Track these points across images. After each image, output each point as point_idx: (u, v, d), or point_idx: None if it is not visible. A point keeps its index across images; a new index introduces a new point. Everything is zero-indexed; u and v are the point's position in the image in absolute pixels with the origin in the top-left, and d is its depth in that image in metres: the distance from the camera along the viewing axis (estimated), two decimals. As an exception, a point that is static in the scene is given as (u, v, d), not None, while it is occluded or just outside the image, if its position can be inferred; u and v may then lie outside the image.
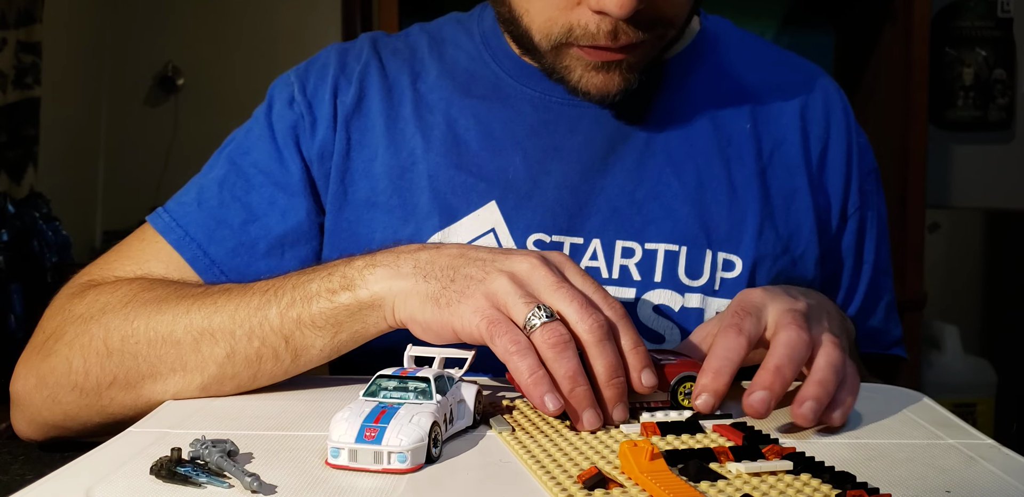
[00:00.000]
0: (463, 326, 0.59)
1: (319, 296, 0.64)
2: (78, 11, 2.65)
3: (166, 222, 0.80)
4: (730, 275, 0.80)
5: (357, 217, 0.81)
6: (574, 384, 0.57)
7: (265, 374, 0.67)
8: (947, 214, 2.41)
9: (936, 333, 2.20)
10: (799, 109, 0.86)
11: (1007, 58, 2.43)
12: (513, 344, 0.57)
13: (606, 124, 0.82)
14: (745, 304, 0.64)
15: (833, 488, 0.47)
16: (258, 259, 0.79)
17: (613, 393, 0.58)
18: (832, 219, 0.86)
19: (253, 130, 0.84)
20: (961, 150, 2.46)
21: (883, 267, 0.91)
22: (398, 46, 0.87)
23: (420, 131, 0.82)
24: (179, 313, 0.68)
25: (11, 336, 1.99)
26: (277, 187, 0.81)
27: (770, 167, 0.83)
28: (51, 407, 0.70)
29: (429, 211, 0.79)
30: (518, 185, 0.80)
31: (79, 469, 0.50)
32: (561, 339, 0.57)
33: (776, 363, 0.59)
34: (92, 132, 2.73)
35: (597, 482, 0.47)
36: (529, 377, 0.57)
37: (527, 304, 0.58)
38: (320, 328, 0.64)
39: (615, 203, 0.80)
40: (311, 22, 2.67)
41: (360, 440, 0.49)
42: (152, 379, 0.67)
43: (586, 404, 0.57)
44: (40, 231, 2.19)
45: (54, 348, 0.70)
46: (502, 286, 0.60)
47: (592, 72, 0.74)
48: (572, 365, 0.57)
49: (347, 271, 0.65)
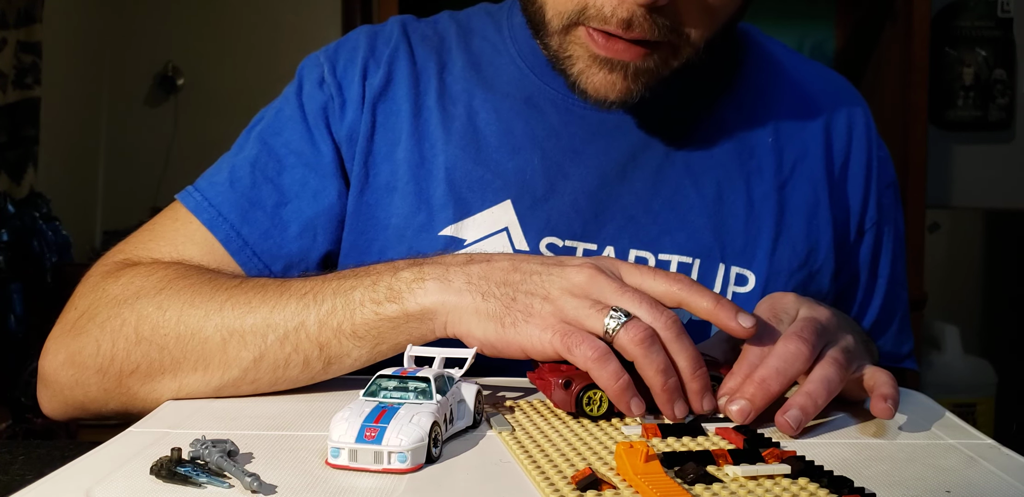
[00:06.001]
0: (534, 345, 0.59)
1: (363, 306, 0.63)
2: (78, 11, 2.65)
3: (198, 201, 0.79)
4: (743, 289, 0.79)
5: (376, 200, 0.80)
6: (667, 376, 0.58)
7: (288, 380, 0.66)
8: (947, 214, 2.41)
9: (936, 333, 2.20)
10: (823, 122, 0.85)
11: (1007, 58, 2.43)
12: (593, 351, 0.57)
13: (628, 131, 0.81)
14: (776, 310, 0.64)
15: (830, 493, 0.47)
16: (290, 241, 0.79)
17: (699, 384, 0.59)
18: (850, 233, 0.85)
19: (284, 110, 0.83)
20: (961, 150, 2.46)
21: (899, 281, 0.90)
22: (427, 33, 0.86)
23: (442, 123, 0.81)
24: (211, 309, 0.67)
25: (11, 336, 2.00)
26: (308, 168, 0.80)
27: (791, 181, 0.82)
28: (74, 387, 0.70)
29: (444, 203, 0.79)
30: (535, 186, 0.79)
31: (79, 469, 0.50)
32: (648, 334, 0.58)
33: (763, 375, 0.59)
34: (92, 132, 2.73)
35: (589, 483, 0.47)
36: (616, 382, 0.57)
37: (600, 311, 0.59)
38: (361, 338, 0.64)
39: (631, 211, 0.79)
40: (311, 22, 2.67)
41: (360, 440, 0.49)
42: (172, 374, 0.67)
43: (678, 395, 0.59)
44: (40, 231, 2.19)
45: (86, 327, 0.70)
46: (568, 303, 0.60)
47: (594, 68, 0.71)
48: (663, 359, 0.58)
49: (393, 283, 0.64)
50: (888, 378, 0.61)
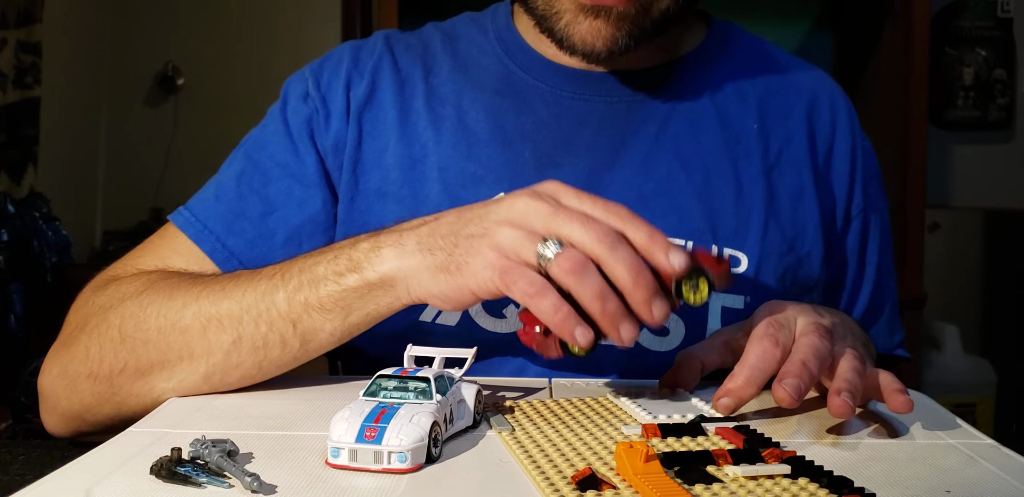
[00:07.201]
0: (479, 284, 0.59)
1: (326, 279, 0.65)
2: (78, 11, 2.65)
3: (185, 218, 0.81)
4: (735, 270, 0.81)
5: (368, 206, 0.82)
6: (604, 301, 0.56)
7: (272, 362, 0.67)
8: (947, 214, 2.41)
9: (936, 333, 2.20)
10: (806, 110, 0.87)
11: (1007, 58, 2.43)
12: (530, 286, 0.57)
13: (616, 119, 0.83)
14: (777, 316, 0.64)
15: (830, 493, 0.47)
16: (276, 250, 0.80)
17: (644, 293, 0.57)
18: (837, 220, 0.86)
19: (268, 126, 0.85)
20: (961, 150, 2.46)
21: (887, 270, 0.91)
22: (411, 42, 0.89)
23: (432, 123, 0.83)
24: (188, 300, 0.68)
25: (11, 336, 2.00)
26: (293, 179, 0.82)
27: (777, 166, 0.84)
28: (70, 396, 0.71)
29: (439, 202, 0.80)
30: (527, 178, 0.80)
31: (79, 469, 0.50)
32: (577, 262, 0.56)
33: (802, 358, 0.59)
34: (92, 132, 2.73)
35: (589, 483, 0.47)
36: (555, 315, 0.56)
37: (532, 242, 0.58)
38: (329, 311, 0.65)
39: (623, 197, 0.80)
40: (311, 22, 2.67)
41: (360, 440, 0.49)
42: (160, 367, 0.67)
43: (620, 317, 0.57)
44: (40, 231, 2.19)
45: (77, 338, 0.72)
46: (504, 235, 0.59)
47: (580, 17, 0.75)
48: (596, 284, 0.56)
49: (352, 253, 0.65)
50: (893, 376, 0.62)
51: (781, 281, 0.81)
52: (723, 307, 0.79)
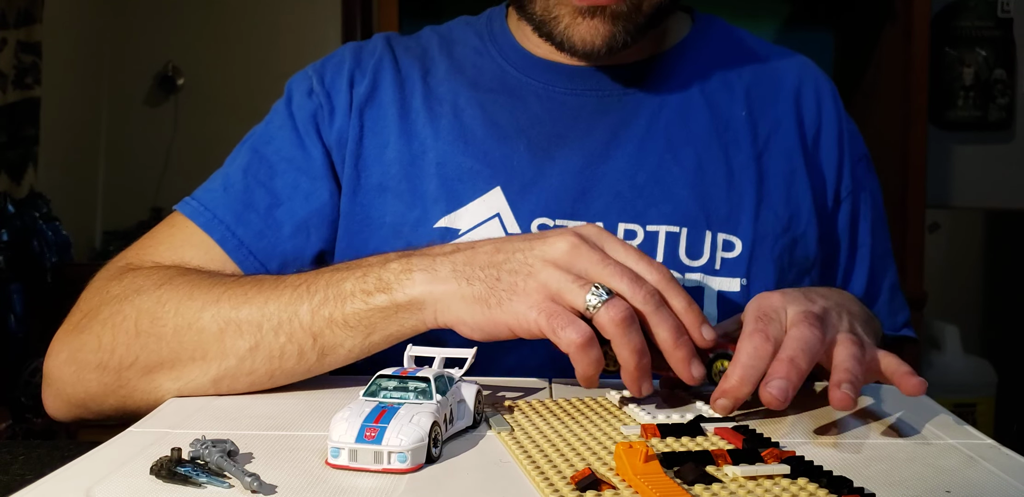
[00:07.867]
0: (520, 323, 0.60)
1: (353, 296, 0.65)
2: (78, 11, 2.65)
3: (194, 207, 0.83)
4: (730, 255, 0.82)
5: (369, 201, 0.83)
6: (640, 357, 0.59)
7: (285, 372, 0.67)
8: (947, 214, 2.41)
9: (936, 333, 2.20)
10: (792, 96, 0.89)
11: (1007, 58, 2.43)
12: (578, 335, 0.58)
13: (607, 112, 0.85)
14: (765, 308, 0.64)
15: (829, 493, 0.47)
16: (285, 240, 0.82)
17: (684, 352, 0.61)
18: (827, 201, 0.88)
19: (273, 121, 0.87)
20: (961, 150, 2.46)
21: (883, 251, 0.92)
22: (410, 45, 0.91)
23: (430, 121, 0.85)
24: (208, 301, 0.68)
25: (11, 336, 2.00)
26: (300, 172, 0.84)
27: (767, 151, 0.86)
28: (75, 384, 0.71)
29: (437, 197, 0.82)
30: (522, 171, 0.83)
31: (79, 469, 0.50)
32: (627, 314, 0.59)
33: (789, 354, 0.59)
34: (92, 132, 2.73)
35: (589, 483, 0.47)
36: (592, 372, 0.60)
37: (582, 287, 0.59)
38: (352, 328, 0.65)
39: (617, 187, 0.83)
40: (311, 22, 2.67)
41: (360, 440, 0.49)
42: (171, 365, 0.68)
43: (646, 375, 0.60)
44: (40, 231, 2.19)
45: (88, 325, 0.72)
46: (551, 276, 0.60)
47: (578, 19, 0.77)
48: (638, 338, 0.59)
49: (383, 273, 0.65)
50: (898, 359, 0.63)
51: (778, 263, 0.83)
52: (719, 292, 0.81)
